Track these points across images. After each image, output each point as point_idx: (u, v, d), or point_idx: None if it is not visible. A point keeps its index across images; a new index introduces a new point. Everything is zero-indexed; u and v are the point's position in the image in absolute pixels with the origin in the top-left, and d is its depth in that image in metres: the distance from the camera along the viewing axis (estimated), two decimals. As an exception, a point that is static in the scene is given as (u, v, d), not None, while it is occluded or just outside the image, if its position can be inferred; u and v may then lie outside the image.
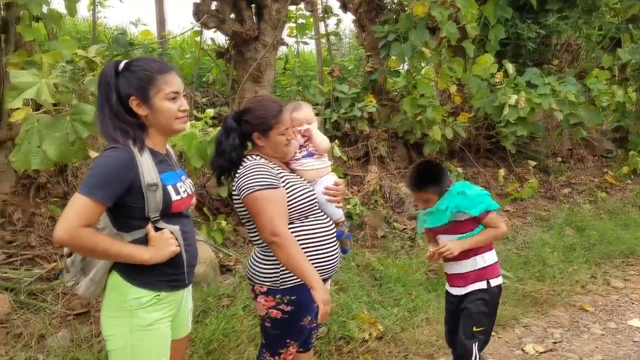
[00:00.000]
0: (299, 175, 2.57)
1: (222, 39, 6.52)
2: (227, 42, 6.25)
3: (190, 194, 2.15)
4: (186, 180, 2.17)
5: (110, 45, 6.22)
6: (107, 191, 1.86)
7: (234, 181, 2.43)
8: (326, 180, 2.62)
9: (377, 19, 6.91)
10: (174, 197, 2.03)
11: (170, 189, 2.02)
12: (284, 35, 6.71)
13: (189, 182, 2.19)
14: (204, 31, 6.34)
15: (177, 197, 2.04)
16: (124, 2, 9.24)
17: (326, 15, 8.04)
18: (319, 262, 2.43)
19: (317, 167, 2.62)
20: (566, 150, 8.81)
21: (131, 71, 2.00)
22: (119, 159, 1.90)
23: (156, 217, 1.99)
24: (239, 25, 5.83)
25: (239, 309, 3.73)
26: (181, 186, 2.09)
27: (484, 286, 2.82)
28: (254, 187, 2.31)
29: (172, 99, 2.03)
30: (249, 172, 2.36)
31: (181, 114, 2.06)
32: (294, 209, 2.39)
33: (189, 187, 2.16)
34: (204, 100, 6.59)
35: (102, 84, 2.00)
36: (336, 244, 2.55)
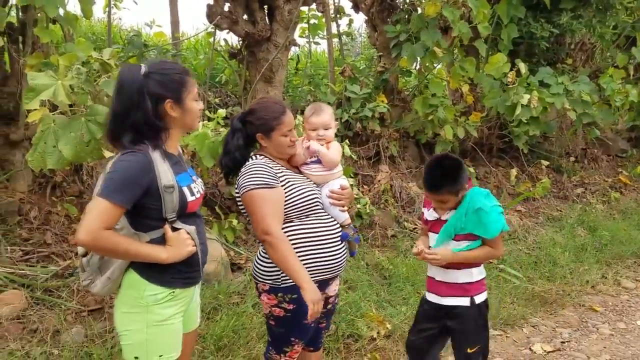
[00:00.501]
0: (307, 177, 2.61)
1: (234, 39, 6.59)
2: (240, 43, 6.31)
3: (202, 193, 2.23)
4: (197, 179, 2.24)
5: (125, 46, 6.31)
6: (126, 194, 1.93)
7: (237, 180, 2.49)
8: (333, 183, 2.62)
9: (389, 18, 6.93)
10: (189, 198, 2.10)
11: (185, 190, 2.09)
12: (296, 35, 6.75)
13: (199, 181, 2.26)
14: (217, 32, 6.41)
15: (192, 197, 2.12)
16: (138, 4, 9.35)
17: (338, 15, 8.07)
18: (320, 261, 2.46)
19: (324, 174, 2.62)
20: (580, 149, 8.75)
21: (163, 74, 2.06)
22: (137, 162, 1.97)
23: (173, 217, 2.06)
24: (252, 26, 5.89)
25: (248, 307, 3.79)
26: (194, 187, 2.17)
27: (466, 303, 2.65)
28: (249, 185, 2.37)
29: (196, 100, 2.14)
30: (248, 171, 2.42)
31: (200, 113, 2.18)
32: (293, 208, 2.42)
33: (200, 186, 2.23)
34: (217, 100, 6.65)
35: (132, 89, 2.01)
36: (342, 245, 2.56)
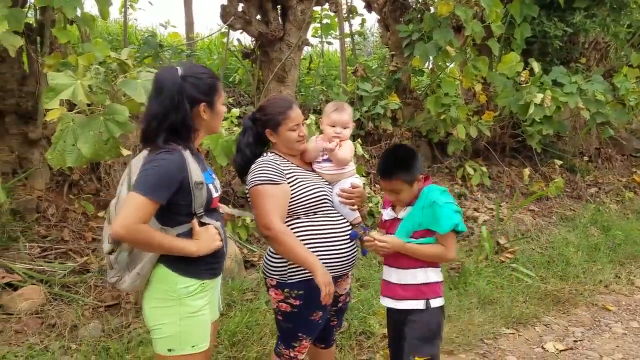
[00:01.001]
0: (319, 175, 2.64)
1: (248, 40, 6.64)
2: (253, 43, 6.36)
3: (220, 190, 2.31)
4: (215, 177, 2.32)
5: (140, 46, 6.39)
6: (163, 191, 2.00)
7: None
8: (345, 182, 2.63)
9: (401, 18, 6.95)
10: (214, 194, 2.20)
11: (211, 187, 2.18)
12: (309, 35, 6.79)
13: (217, 179, 2.33)
14: (231, 32, 6.47)
15: (216, 194, 2.22)
16: (153, 5, 9.44)
17: (350, 15, 8.09)
18: (328, 258, 2.47)
19: (335, 172, 2.64)
20: (593, 149, 8.69)
21: (198, 78, 2.13)
22: (173, 161, 2.04)
23: (201, 212, 2.14)
24: (265, 26, 5.94)
25: (262, 303, 3.84)
26: (216, 184, 2.26)
27: (421, 306, 2.51)
28: (254, 181, 2.43)
29: (223, 104, 2.23)
30: (255, 167, 2.48)
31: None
32: (299, 205, 2.46)
33: (218, 184, 2.31)
34: (230, 100, 6.71)
35: (172, 91, 2.06)
36: (351, 243, 2.57)
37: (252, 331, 3.54)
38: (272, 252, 2.53)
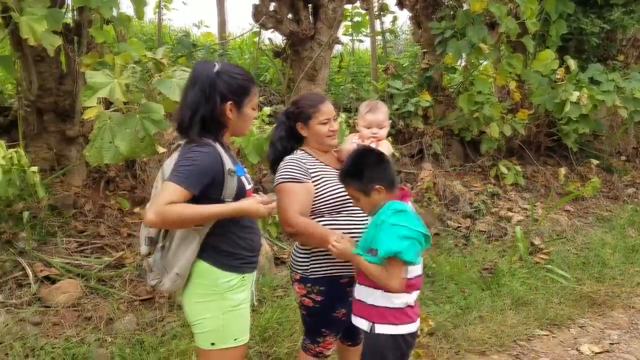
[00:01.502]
0: None
1: (279, 39, 6.68)
2: (284, 41, 6.40)
3: (252, 184, 2.34)
4: (247, 171, 2.35)
5: (174, 46, 6.49)
6: (195, 181, 2.03)
7: None
8: None
9: (433, 15, 6.88)
10: (247, 186, 2.22)
11: (243, 179, 2.21)
12: (339, 33, 6.79)
13: (248, 174, 2.36)
14: (262, 32, 6.51)
15: (249, 186, 2.24)
16: (187, 5, 9.57)
17: (382, 12, 8.05)
18: None
19: None
20: (631, 148, 8.47)
21: (231, 77, 2.16)
22: (208, 154, 2.08)
23: (230, 201, 2.13)
24: (296, 25, 5.96)
25: (292, 300, 3.85)
26: (248, 177, 2.28)
27: (365, 327, 2.25)
28: (278, 179, 2.47)
29: (254, 108, 2.25)
30: (282, 165, 2.51)
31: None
32: (323, 203, 2.46)
33: (250, 178, 2.34)
34: (261, 99, 6.75)
35: (205, 83, 2.12)
36: None
37: (283, 327, 3.55)
38: (297, 247, 2.56)
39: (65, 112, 4.52)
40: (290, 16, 6.06)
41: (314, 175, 2.49)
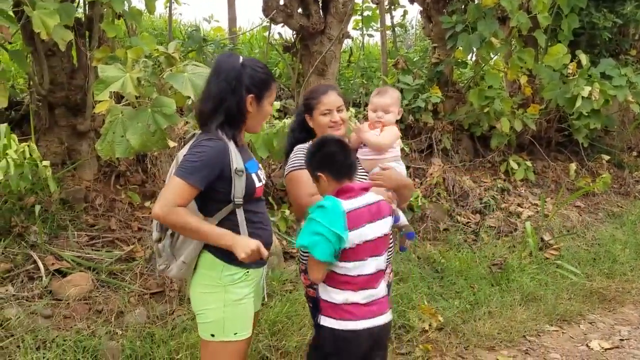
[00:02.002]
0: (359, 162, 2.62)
1: (289, 33, 6.66)
2: (294, 36, 6.38)
3: (264, 180, 2.34)
4: (260, 167, 2.36)
5: (185, 41, 6.49)
6: (201, 176, 2.05)
7: None
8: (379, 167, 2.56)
9: (444, 9, 6.84)
10: (257, 184, 2.22)
11: (253, 176, 2.21)
12: (349, 28, 6.77)
13: (262, 170, 2.37)
14: (272, 26, 6.50)
15: (259, 183, 2.24)
16: (197, -1, 9.54)
17: (392, 7, 8.01)
18: None
19: (372, 157, 2.58)
20: (643, 144, 8.39)
21: (254, 70, 2.18)
22: (214, 148, 2.09)
23: (240, 201, 2.15)
24: (306, 19, 5.95)
25: (301, 295, 3.86)
26: (260, 173, 2.29)
27: (315, 317, 2.32)
28: (288, 168, 2.50)
29: (271, 104, 2.27)
30: (292, 154, 2.54)
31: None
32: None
33: (263, 174, 2.35)
34: (271, 93, 6.75)
35: (230, 75, 2.14)
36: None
37: (292, 321, 3.57)
38: None
39: (76, 106, 4.53)
40: (300, 10, 6.04)
41: None
